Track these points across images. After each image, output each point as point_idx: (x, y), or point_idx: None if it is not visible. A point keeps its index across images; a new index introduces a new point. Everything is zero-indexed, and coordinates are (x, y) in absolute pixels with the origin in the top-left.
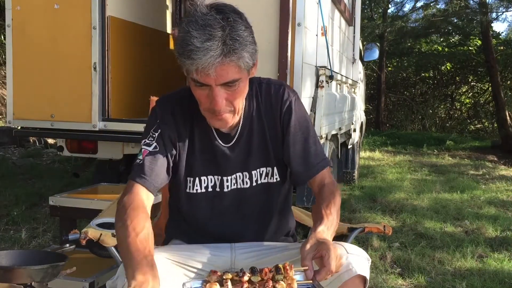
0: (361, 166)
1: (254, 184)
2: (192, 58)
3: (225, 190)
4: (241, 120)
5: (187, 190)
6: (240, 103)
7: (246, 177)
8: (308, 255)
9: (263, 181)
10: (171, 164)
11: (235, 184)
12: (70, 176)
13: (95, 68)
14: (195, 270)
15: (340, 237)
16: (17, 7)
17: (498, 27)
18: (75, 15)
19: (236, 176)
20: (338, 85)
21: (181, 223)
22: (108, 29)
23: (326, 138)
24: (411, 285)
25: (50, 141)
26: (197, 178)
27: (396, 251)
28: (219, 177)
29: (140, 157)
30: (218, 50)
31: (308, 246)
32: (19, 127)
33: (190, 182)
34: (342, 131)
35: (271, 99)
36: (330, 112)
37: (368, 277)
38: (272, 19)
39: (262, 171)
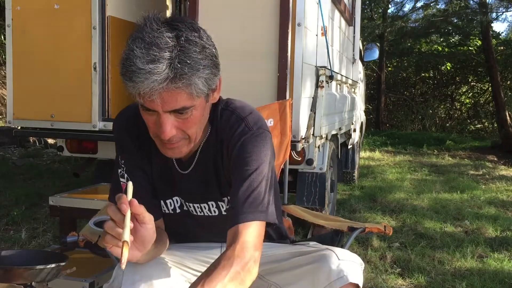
0: (361, 166)
1: (224, 213)
2: (133, 80)
3: (193, 213)
4: (201, 145)
5: None
6: (196, 131)
7: (213, 206)
8: None
9: (227, 206)
10: (150, 187)
11: (201, 212)
12: (70, 176)
13: (95, 68)
14: (189, 270)
15: (336, 232)
16: (17, 7)
17: (498, 27)
18: (75, 15)
19: (200, 206)
20: (338, 85)
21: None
22: (108, 29)
23: (326, 138)
24: (411, 285)
25: (50, 141)
26: (162, 201)
27: (396, 251)
28: (183, 199)
29: (122, 189)
30: (163, 74)
31: None
32: (19, 127)
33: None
34: (342, 131)
35: (225, 129)
36: (330, 112)
37: (361, 285)
38: (272, 19)
39: (224, 199)
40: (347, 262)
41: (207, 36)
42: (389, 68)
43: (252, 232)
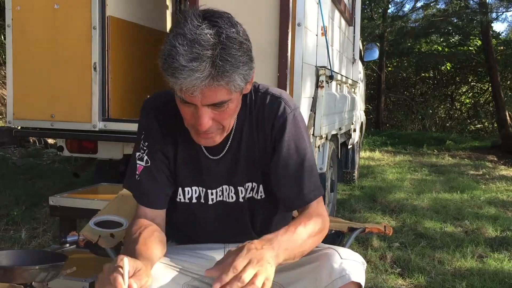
0: (361, 166)
1: (241, 200)
2: (176, 76)
3: (210, 202)
4: (232, 132)
5: (173, 199)
6: (231, 122)
7: (231, 192)
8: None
9: (248, 195)
10: (169, 173)
11: (221, 197)
12: (70, 176)
13: (95, 68)
14: (190, 274)
15: (336, 234)
16: (17, 7)
17: (498, 27)
18: (75, 15)
19: (222, 188)
20: (338, 85)
21: (171, 225)
22: (108, 29)
23: (326, 138)
24: (411, 285)
25: (50, 141)
26: (180, 189)
27: (396, 251)
28: (204, 189)
29: (137, 172)
30: (206, 72)
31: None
32: (19, 127)
33: (175, 191)
34: (342, 131)
35: (264, 111)
36: (330, 112)
37: (363, 284)
38: (272, 19)
39: (248, 186)
40: (350, 261)
41: (243, 30)
42: (389, 68)
43: (321, 205)
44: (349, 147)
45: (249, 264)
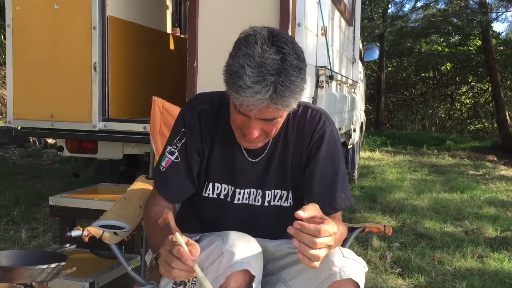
0: (361, 166)
1: (266, 204)
2: (239, 93)
3: (235, 201)
4: (270, 139)
5: (200, 193)
6: (276, 131)
7: (258, 195)
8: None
9: (275, 203)
10: (196, 172)
11: (247, 199)
12: (70, 176)
13: (95, 68)
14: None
15: None
16: (17, 7)
17: (498, 27)
18: (75, 15)
19: (249, 191)
20: (338, 85)
21: (190, 218)
22: (108, 29)
23: None
24: (411, 285)
25: (50, 141)
26: (210, 184)
27: (396, 251)
28: (232, 188)
29: (163, 164)
30: (267, 94)
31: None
32: (19, 127)
33: (204, 186)
34: (342, 131)
35: (305, 123)
36: (330, 112)
37: (361, 285)
38: (272, 19)
39: (277, 193)
40: (351, 261)
41: (302, 53)
42: (389, 68)
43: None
44: (349, 147)
45: (328, 237)
